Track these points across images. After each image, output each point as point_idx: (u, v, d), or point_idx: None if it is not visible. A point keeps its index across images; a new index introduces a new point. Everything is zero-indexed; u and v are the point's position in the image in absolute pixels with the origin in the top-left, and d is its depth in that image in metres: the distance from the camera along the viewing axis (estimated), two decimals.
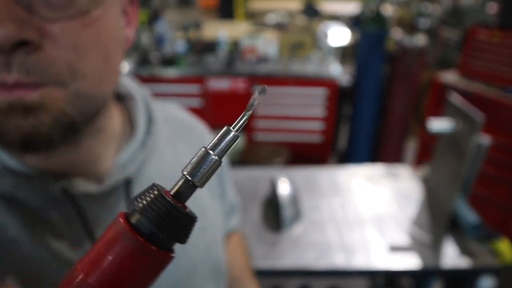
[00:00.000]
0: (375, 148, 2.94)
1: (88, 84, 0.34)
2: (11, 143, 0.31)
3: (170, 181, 0.44)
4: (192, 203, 0.46)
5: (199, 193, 0.46)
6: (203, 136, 0.57)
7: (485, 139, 1.13)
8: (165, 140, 0.50)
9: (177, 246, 0.32)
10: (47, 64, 0.30)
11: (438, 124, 1.23)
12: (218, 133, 0.24)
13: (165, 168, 0.47)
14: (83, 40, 0.32)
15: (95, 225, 0.39)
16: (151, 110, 0.48)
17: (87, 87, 0.34)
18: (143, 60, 2.70)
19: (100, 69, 0.35)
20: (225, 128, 0.24)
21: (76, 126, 0.34)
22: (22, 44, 0.29)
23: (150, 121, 0.45)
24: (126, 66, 2.72)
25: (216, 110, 2.80)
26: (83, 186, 0.38)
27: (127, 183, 0.41)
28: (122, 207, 0.40)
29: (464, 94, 2.33)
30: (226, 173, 0.60)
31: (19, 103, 0.30)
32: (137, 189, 0.42)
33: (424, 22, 2.44)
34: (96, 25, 0.33)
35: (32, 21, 0.29)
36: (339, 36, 3.74)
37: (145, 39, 2.73)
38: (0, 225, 0.35)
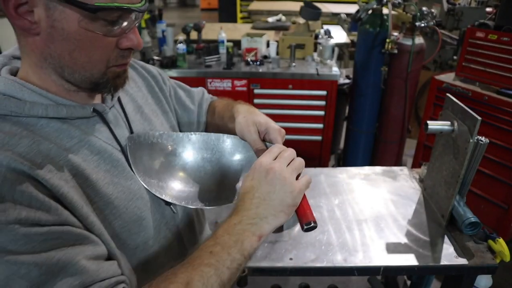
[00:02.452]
0: (374, 148, 2.96)
1: None
2: (117, 86, 0.63)
3: (137, 99, 0.80)
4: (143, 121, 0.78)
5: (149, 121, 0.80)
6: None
7: (482, 139, 1.14)
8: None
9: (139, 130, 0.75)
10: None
11: (436, 124, 1.24)
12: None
13: (133, 91, 0.79)
14: None
15: (113, 126, 0.67)
16: None
17: None
18: (144, 61, 2.71)
19: None
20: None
21: None
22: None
23: None
24: None
25: None
26: (101, 107, 0.65)
27: (119, 99, 0.72)
28: (121, 114, 0.71)
29: (462, 94, 2.35)
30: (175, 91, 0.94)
31: (126, 70, 0.64)
32: (124, 103, 0.73)
33: (422, 23, 2.46)
34: None
35: None
36: (338, 36, 3.75)
37: (146, 40, 2.74)
38: (68, 135, 0.59)
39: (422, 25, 2.45)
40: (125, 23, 0.56)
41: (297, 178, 0.66)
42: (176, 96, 0.93)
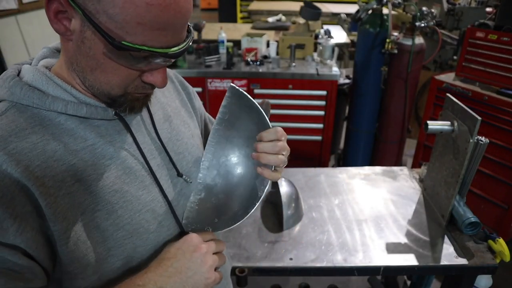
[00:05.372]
0: (374, 148, 2.96)
1: None
2: (133, 108, 0.62)
3: (168, 109, 0.78)
4: (177, 114, 0.80)
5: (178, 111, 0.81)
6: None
7: (482, 139, 1.14)
8: None
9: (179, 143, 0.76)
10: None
11: (436, 124, 1.24)
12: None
13: (166, 100, 0.78)
14: None
15: (135, 132, 0.66)
16: None
17: None
18: None
19: None
20: None
21: None
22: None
23: None
24: None
25: (216, 111, 2.80)
26: (123, 112, 0.64)
27: (148, 106, 0.70)
28: (145, 120, 0.70)
29: (462, 94, 2.35)
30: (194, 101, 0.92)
31: (147, 96, 0.64)
32: (151, 106, 0.71)
33: (422, 23, 2.46)
34: None
35: None
36: (338, 36, 3.75)
37: None
38: (83, 136, 0.59)
39: (422, 25, 2.45)
40: (152, 63, 0.55)
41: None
42: (205, 128, 0.93)
